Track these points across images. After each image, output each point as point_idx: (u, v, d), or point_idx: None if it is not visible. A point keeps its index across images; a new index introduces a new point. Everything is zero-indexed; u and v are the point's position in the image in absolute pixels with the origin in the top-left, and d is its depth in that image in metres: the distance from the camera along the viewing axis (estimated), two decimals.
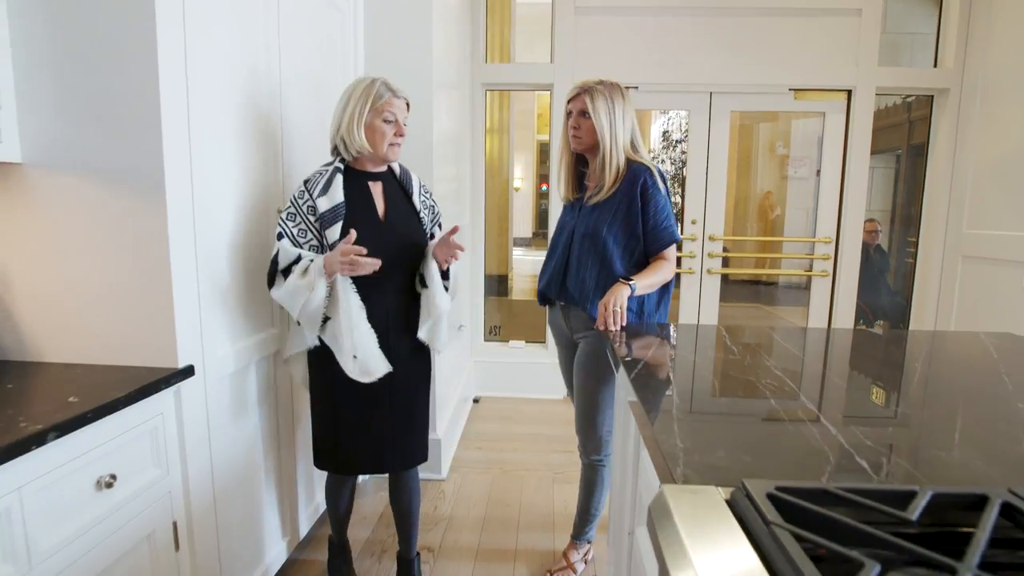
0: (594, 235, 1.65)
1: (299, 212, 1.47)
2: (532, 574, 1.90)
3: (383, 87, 1.50)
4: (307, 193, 1.47)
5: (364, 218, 1.51)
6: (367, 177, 1.56)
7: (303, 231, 1.47)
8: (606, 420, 1.76)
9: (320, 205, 1.45)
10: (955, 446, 0.77)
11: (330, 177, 1.48)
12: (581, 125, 1.65)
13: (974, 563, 0.46)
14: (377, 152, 1.51)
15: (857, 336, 1.57)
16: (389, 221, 1.56)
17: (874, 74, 3.25)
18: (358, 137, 1.48)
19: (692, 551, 0.51)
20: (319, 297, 1.41)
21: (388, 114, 1.50)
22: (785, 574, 0.46)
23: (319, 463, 1.64)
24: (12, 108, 1.19)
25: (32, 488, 0.92)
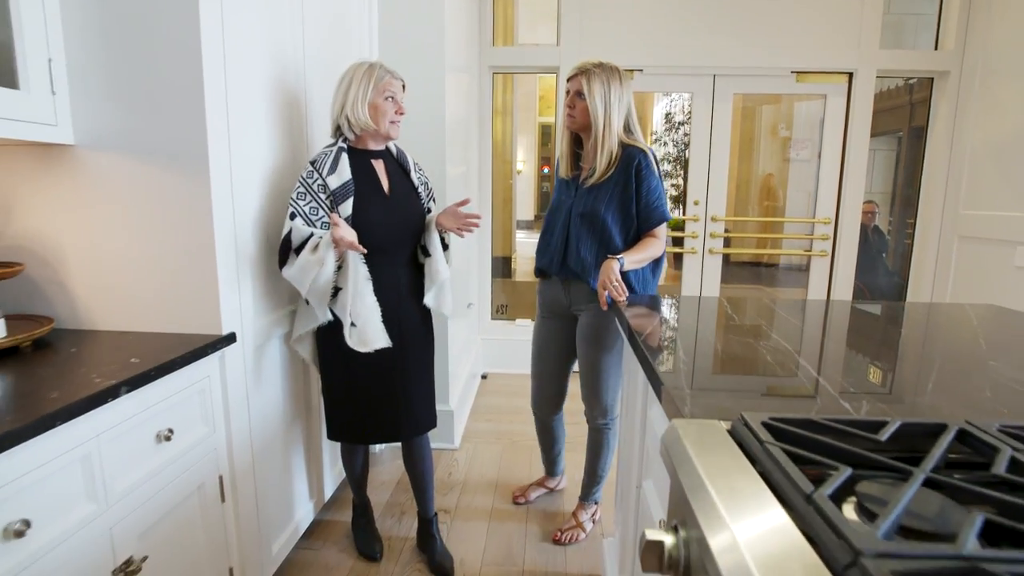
0: (593, 214, 1.75)
1: (309, 191, 1.54)
2: (544, 533, 2.03)
3: (382, 69, 1.59)
4: (316, 172, 1.54)
5: (371, 193, 1.60)
6: (369, 155, 1.64)
7: (314, 208, 1.54)
8: (611, 386, 1.88)
9: (331, 183, 1.53)
10: (928, 393, 0.87)
11: (336, 156, 1.56)
12: (576, 105, 1.73)
13: (928, 467, 0.56)
14: (380, 129, 1.59)
15: (853, 309, 1.67)
16: (393, 195, 1.65)
17: (875, 57, 3.31)
18: (363, 115, 1.56)
19: (700, 466, 0.61)
20: (328, 271, 1.50)
21: (389, 92, 1.59)
22: (778, 480, 0.57)
23: (333, 435, 1.74)
24: (65, 94, 1.28)
25: (108, 436, 1.03)
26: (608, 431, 1.94)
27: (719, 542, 0.49)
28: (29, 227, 1.36)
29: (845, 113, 3.43)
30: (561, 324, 1.96)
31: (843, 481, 0.54)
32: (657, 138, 8.81)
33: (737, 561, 0.46)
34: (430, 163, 2.44)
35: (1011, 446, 0.62)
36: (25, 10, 1.18)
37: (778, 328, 1.31)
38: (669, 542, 0.64)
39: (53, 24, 1.24)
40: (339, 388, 1.67)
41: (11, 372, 1.08)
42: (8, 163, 1.34)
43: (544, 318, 2.00)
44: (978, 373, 0.98)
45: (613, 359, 1.86)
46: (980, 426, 0.67)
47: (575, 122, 1.76)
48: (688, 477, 0.61)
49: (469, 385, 3.17)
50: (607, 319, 1.81)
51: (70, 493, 0.96)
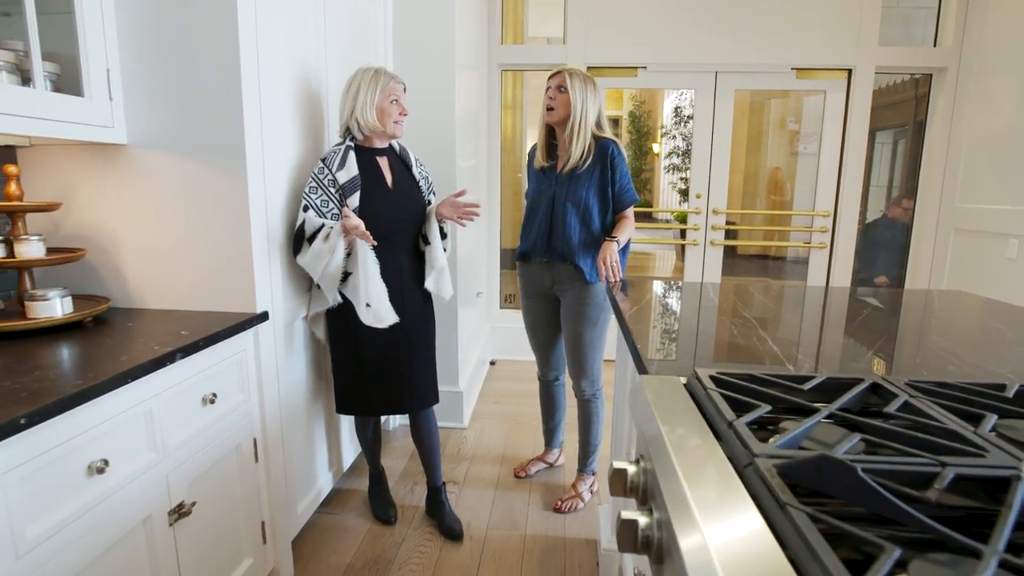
0: (576, 199, 1.95)
1: (320, 186, 1.70)
2: (545, 502, 2.19)
3: (387, 75, 1.75)
4: (326, 168, 1.70)
5: (376, 187, 1.77)
6: (374, 153, 1.80)
7: (325, 201, 1.70)
8: (595, 357, 2.08)
9: (339, 178, 1.70)
10: (865, 359, 1.01)
11: (344, 154, 1.72)
12: (557, 98, 1.92)
13: (835, 407, 0.71)
14: (386, 129, 1.76)
15: (829, 292, 1.80)
16: (396, 189, 1.82)
17: (874, 54, 3.40)
18: (371, 117, 1.73)
19: (657, 414, 0.76)
20: (339, 258, 1.65)
21: (393, 96, 1.75)
22: (711, 414, 0.72)
23: (342, 408, 1.90)
24: (120, 100, 1.45)
25: (165, 396, 1.20)
26: (596, 401, 2.14)
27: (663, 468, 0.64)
28: (88, 217, 1.54)
29: (844, 108, 3.52)
30: (546, 304, 2.15)
31: (760, 414, 0.69)
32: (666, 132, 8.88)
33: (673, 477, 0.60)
34: (441, 157, 2.60)
35: (908, 394, 0.76)
36: (89, 28, 1.35)
37: (750, 307, 1.45)
38: (631, 470, 0.79)
39: (111, 39, 1.41)
40: (348, 364, 1.84)
41: (80, 342, 1.26)
42: (70, 161, 1.51)
43: (529, 299, 2.18)
44: (916, 344, 1.11)
45: (597, 332, 2.05)
46: (891, 380, 0.81)
47: (555, 115, 1.94)
48: (646, 420, 0.77)
49: (478, 370, 3.34)
50: (590, 295, 2.01)
51: (137, 441, 1.14)
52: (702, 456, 0.62)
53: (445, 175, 2.61)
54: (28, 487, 0.91)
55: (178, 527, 1.24)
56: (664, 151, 7.85)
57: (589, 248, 1.98)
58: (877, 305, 1.60)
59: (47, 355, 1.16)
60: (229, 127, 1.45)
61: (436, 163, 2.61)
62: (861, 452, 0.64)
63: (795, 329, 1.28)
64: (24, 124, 1.22)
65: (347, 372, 1.85)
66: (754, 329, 1.23)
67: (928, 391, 0.78)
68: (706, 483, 0.57)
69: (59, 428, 0.95)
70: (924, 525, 0.46)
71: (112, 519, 1.07)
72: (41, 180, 1.54)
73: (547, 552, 1.90)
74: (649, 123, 9.35)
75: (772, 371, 0.84)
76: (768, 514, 0.50)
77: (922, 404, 0.72)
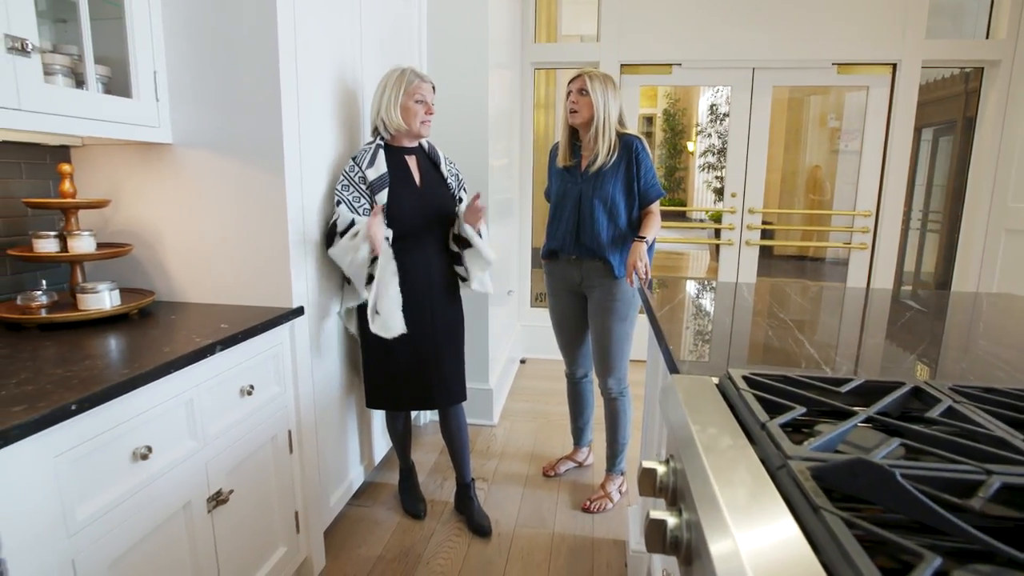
0: (603, 196, 1.96)
1: (352, 183, 1.74)
2: (574, 502, 2.18)
3: (412, 74, 1.76)
4: (357, 166, 1.74)
5: (404, 185, 1.79)
6: (403, 152, 1.83)
7: (356, 197, 1.73)
8: (623, 355, 2.07)
9: (369, 175, 1.73)
10: (906, 363, 0.98)
11: (374, 152, 1.75)
12: (579, 101, 1.93)
13: (874, 411, 0.69)
14: (412, 128, 1.78)
15: (867, 294, 1.75)
16: (425, 187, 1.84)
17: (921, 47, 3.27)
18: (396, 117, 1.75)
19: (688, 413, 0.75)
20: (362, 256, 1.67)
21: (419, 96, 1.76)
22: (744, 415, 0.70)
23: (372, 403, 1.93)
24: (166, 101, 1.51)
25: (206, 386, 1.24)
26: (623, 399, 2.12)
27: (694, 468, 0.63)
28: (134, 214, 1.60)
29: (888, 105, 3.40)
30: (574, 300, 2.15)
31: (795, 416, 0.68)
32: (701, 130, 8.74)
33: (703, 478, 0.60)
34: (473, 156, 2.62)
35: (952, 399, 0.73)
36: (138, 32, 1.40)
37: (786, 309, 1.42)
38: (661, 470, 0.78)
39: (158, 42, 1.47)
40: (379, 360, 1.86)
41: (126, 333, 1.31)
42: (118, 160, 1.58)
43: (556, 296, 2.18)
44: (963, 348, 1.07)
45: (625, 329, 2.05)
46: (934, 385, 0.78)
47: (578, 117, 1.95)
48: (676, 420, 0.76)
49: (508, 368, 3.35)
50: (619, 291, 2.00)
51: (178, 430, 1.18)
52: (733, 457, 0.61)
53: (478, 173, 2.63)
54: (78, 469, 0.95)
55: (216, 514, 1.29)
56: (699, 149, 7.74)
57: (617, 243, 1.99)
58: (920, 308, 1.54)
59: (96, 345, 1.21)
60: (268, 127, 1.49)
61: (469, 162, 2.63)
62: (901, 457, 0.62)
63: (833, 331, 1.25)
64: (79, 125, 1.28)
65: (377, 368, 1.87)
66: (790, 331, 1.20)
67: (973, 396, 0.75)
68: (737, 484, 0.56)
69: (107, 415, 0.99)
70: (967, 534, 0.44)
71: (155, 504, 1.11)
72: (92, 178, 1.61)
73: (575, 551, 1.90)
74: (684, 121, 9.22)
75: (808, 373, 0.82)
76: (801, 518, 0.49)
77: (967, 410, 0.70)
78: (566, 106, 1.99)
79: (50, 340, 1.24)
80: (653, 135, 9.42)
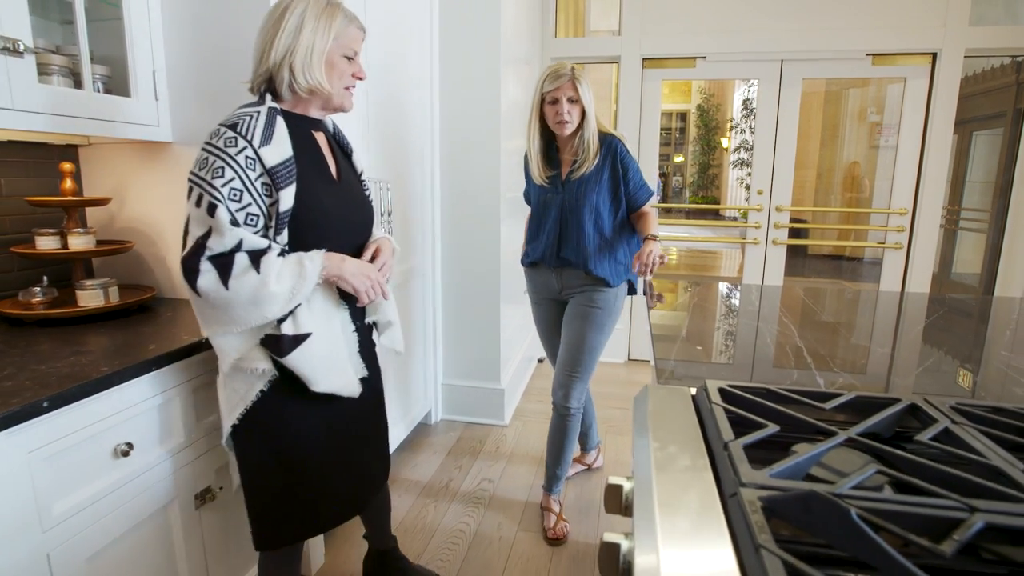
0: (590, 205, 1.80)
1: (229, 165, 1.01)
2: (581, 505, 2.13)
3: (346, 16, 1.15)
4: (241, 139, 1.02)
5: (318, 178, 1.15)
6: (310, 124, 1.18)
7: (236, 192, 1.01)
8: (591, 370, 1.91)
9: (266, 157, 1.04)
10: (912, 375, 0.90)
11: (268, 120, 1.07)
12: (571, 110, 1.75)
13: (855, 432, 0.62)
14: (332, 96, 1.15)
15: (892, 297, 1.64)
16: (343, 182, 1.22)
17: (964, 35, 3.08)
18: (318, 72, 1.11)
19: (651, 428, 0.70)
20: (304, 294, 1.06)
21: (349, 49, 1.16)
22: (711, 432, 0.65)
23: (280, 537, 1.19)
24: (165, 100, 1.52)
25: (191, 385, 1.24)
26: (575, 418, 1.93)
27: (641, 489, 0.58)
28: (136, 211, 1.62)
29: (927, 97, 3.22)
30: (557, 309, 2.02)
31: (765, 435, 0.62)
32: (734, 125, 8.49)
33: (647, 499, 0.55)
34: (486, 152, 2.58)
35: (951, 419, 0.66)
36: (136, 31, 1.42)
37: (795, 313, 1.34)
38: (627, 487, 0.74)
39: (157, 41, 1.48)
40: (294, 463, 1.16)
41: (121, 329, 1.32)
42: (120, 159, 1.60)
43: (539, 305, 2.06)
44: (984, 361, 0.98)
45: (600, 340, 1.87)
46: (933, 403, 0.71)
47: (571, 126, 1.77)
48: (639, 433, 0.71)
49: (523, 368, 3.30)
50: (601, 299, 1.85)
51: (162, 426, 1.18)
52: (687, 481, 0.56)
53: (490, 169, 2.59)
54: (55, 466, 0.96)
55: (204, 511, 1.29)
56: (732, 145, 7.52)
57: (603, 252, 1.85)
58: (949, 313, 1.43)
59: (88, 341, 1.22)
60: None
61: (481, 158, 2.60)
62: (883, 486, 0.55)
63: (840, 339, 1.17)
64: (76, 124, 1.30)
65: (285, 480, 1.16)
66: (791, 337, 1.12)
67: (976, 417, 0.68)
68: (683, 511, 0.51)
69: (85, 411, 1.00)
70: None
71: (137, 500, 1.11)
72: (100, 176, 1.64)
73: (577, 558, 1.85)
74: (717, 117, 8.97)
75: (795, 387, 0.76)
76: (741, 554, 0.44)
77: (964, 432, 0.63)
78: (548, 116, 1.79)
79: (46, 336, 1.26)
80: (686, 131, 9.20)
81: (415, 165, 2.44)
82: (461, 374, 2.79)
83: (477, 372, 2.76)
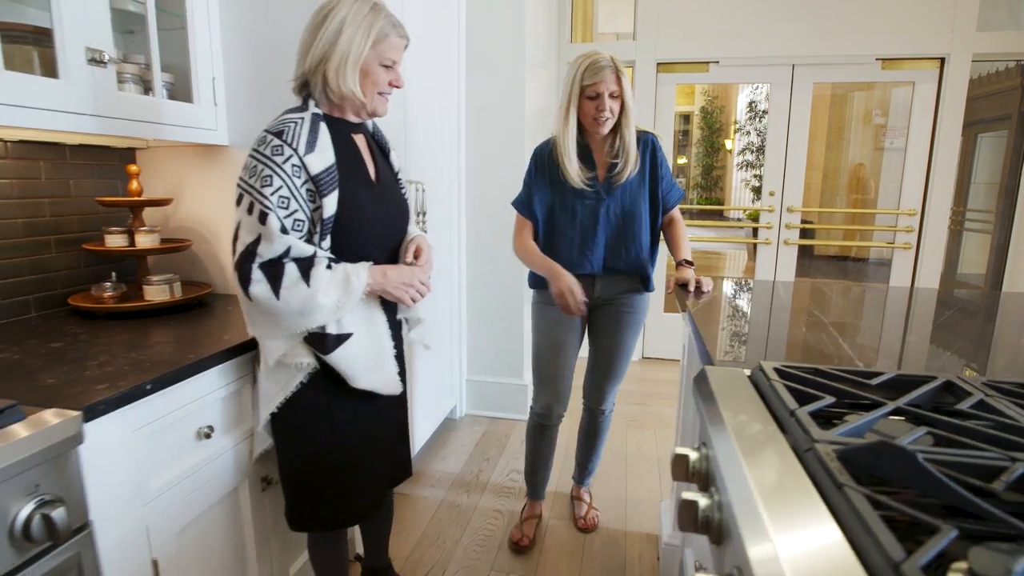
0: (640, 211, 1.71)
1: (277, 174, 1.05)
2: (608, 498, 2.21)
3: (388, 21, 1.16)
4: (287, 147, 1.07)
5: (358, 182, 1.19)
6: (349, 128, 1.21)
7: (284, 200, 1.06)
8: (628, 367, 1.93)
9: (311, 165, 1.08)
10: (941, 360, 0.98)
11: (312, 127, 1.11)
12: (612, 106, 1.60)
13: (902, 402, 0.71)
14: (366, 103, 1.18)
15: (911, 293, 1.73)
16: (382, 185, 1.26)
17: (972, 40, 3.17)
18: (352, 80, 1.13)
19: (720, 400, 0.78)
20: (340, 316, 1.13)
21: (389, 58, 1.17)
22: (774, 404, 0.73)
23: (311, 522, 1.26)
24: (223, 105, 1.60)
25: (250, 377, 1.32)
26: (609, 418, 2.00)
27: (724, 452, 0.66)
28: (192, 211, 1.71)
29: (935, 101, 3.30)
30: (578, 323, 1.84)
31: (823, 405, 0.70)
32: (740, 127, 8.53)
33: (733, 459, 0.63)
34: (511, 154, 2.67)
35: (984, 392, 0.75)
36: (199, 40, 1.50)
37: (822, 307, 1.42)
38: (693, 456, 0.82)
39: (216, 50, 1.56)
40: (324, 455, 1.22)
41: (186, 322, 1.41)
42: (179, 161, 1.69)
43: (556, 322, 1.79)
44: (1007, 348, 1.06)
45: (636, 342, 1.90)
46: (967, 379, 0.79)
47: (610, 123, 1.63)
48: (708, 406, 0.79)
49: None
50: (641, 303, 1.83)
51: (236, 413, 1.26)
52: (763, 441, 0.64)
53: (516, 173, 2.68)
54: (152, 444, 1.04)
55: (267, 495, 1.37)
56: (737, 147, 7.60)
57: (652, 257, 1.79)
58: (962, 307, 1.52)
59: (163, 332, 1.31)
60: None
61: (507, 161, 2.68)
62: (929, 445, 0.64)
63: (870, 329, 1.25)
64: (146, 129, 1.38)
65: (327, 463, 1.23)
66: (824, 327, 1.21)
67: (1006, 391, 0.76)
68: (766, 466, 0.59)
69: (177, 395, 1.08)
70: (985, 511, 0.47)
71: (215, 481, 1.20)
72: (154, 178, 1.72)
73: (607, 544, 1.93)
74: (721, 119, 9.06)
75: (840, 368, 0.84)
76: (826, 495, 0.52)
77: (998, 403, 0.71)
78: (585, 112, 1.62)
79: (119, 327, 1.34)
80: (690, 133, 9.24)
81: (442, 166, 2.52)
82: (485, 370, 2.87)
83: (501, 368, 2.85)
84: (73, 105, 1.19)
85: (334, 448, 1.22)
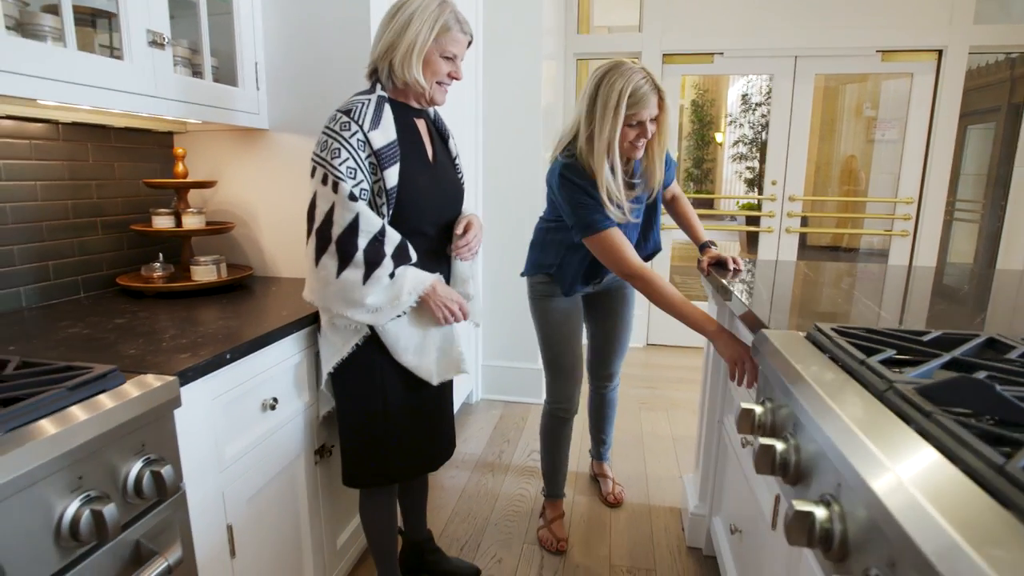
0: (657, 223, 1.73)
1: (345, 147, 1.17)
2: (628, 472, 2.28)
3: (453, 15, 1.24)
4: (354, 124, 1.18)
5: (417, 160, 1.29)
6: (412, 113, 1.32)
7: (352, 170, 1.17)
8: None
9: (374, 140, 1.19)
10: (975, 323, 1.06)
11: (377, 107, 1.22)
12: (652, 130, 1.48)
13: (957, 353, 0.78)
14: (426, 91, 1.26)
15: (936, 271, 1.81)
16: (439, 164, 1.36)
17: (969, 32, 3.27)
18: (416, 68, 1.22)
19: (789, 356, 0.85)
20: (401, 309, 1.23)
21: (451, 50, 1.25)
22: (842, 358, 0.80)
23: (362, 478, 1.36)
24: (264, 90, 1.64)
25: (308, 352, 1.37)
26: (616, 388, 2.10)
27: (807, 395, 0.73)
28: (232, 194, 1.74)
29: (933, 92, 3.41)
30: (580, 302, 1.84)
31: (888, 356, 0.77)
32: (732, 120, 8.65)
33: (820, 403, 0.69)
34: (527, 149, 2.72)
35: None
36: (244, 26, 1.54)
37: (845, 281, 1.50)
38: (759, 411, 0.88)
39: (259, 35, 1.59)
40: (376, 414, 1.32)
41: (233, 302, 1.44)
42: (220, 144, 1.72)
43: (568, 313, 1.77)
44: (1003, 311, 1.15)
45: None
46: (1007, 337, 0.87)
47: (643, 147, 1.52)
48: (777, 362, 0.85)
49: None
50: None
51: (296, 385, 1.31)
52: (840, 386, 0.71)
53: (530, 165, 2.73)
54: (228, 413, 1.09)
55: (321, 466, 1.42)
56: (729, 140, 7.69)
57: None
58: (979, 282, 1.60)
59: (216, 311, 1.35)
60: None
61: (522, 153, 2.73)
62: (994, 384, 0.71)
63: (897, 299, 1.33)
64: (196, 111, 1.41)
65: (381, 422, 1.32)
66: (855, 299, 1.28)
67: None
68: (850, 404, 0.65)
69: (250, 365, 1.13)
70: None
71: (279, 450, 1.24)
72: (192, 161, 1.75)
73: (633, 516, 2.00)
74: (712, 112, 9.15)
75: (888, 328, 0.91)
76: (917, 424, 0.59)
77: None
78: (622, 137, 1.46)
79: (170, 306, 1.38)
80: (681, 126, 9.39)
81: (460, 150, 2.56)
82: (500, 354, 2.93)
83: (516, 352, 2.91)
84: (137, 86, 1.22)
85: (385, 409, 1.32)
